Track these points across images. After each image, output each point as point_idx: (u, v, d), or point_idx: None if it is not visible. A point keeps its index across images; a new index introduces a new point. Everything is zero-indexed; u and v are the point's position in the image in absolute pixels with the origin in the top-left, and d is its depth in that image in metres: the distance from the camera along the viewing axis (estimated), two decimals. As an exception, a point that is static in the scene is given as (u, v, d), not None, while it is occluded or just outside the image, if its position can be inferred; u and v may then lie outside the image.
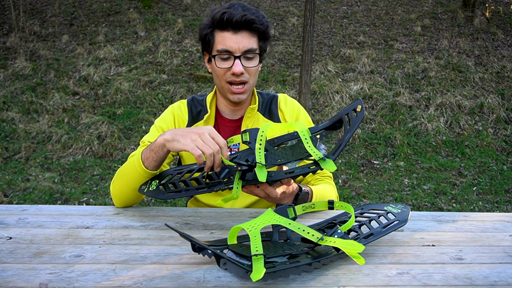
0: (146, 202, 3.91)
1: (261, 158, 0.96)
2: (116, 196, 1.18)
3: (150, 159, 1.08)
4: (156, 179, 1.12)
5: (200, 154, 0.97)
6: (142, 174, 1.10)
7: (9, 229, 0.99)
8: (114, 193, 1.18)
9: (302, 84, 5.47)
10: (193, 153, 0.97)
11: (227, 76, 1.25)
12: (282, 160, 1.01)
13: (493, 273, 0.81)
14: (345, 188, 4.27)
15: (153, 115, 5.55)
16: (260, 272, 0.71)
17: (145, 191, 1.11)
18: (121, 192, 1.16)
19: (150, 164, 1.08)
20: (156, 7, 8.41)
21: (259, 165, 0.94)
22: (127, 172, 1.14)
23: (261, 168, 0.94)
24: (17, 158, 4.78)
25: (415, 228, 1.04)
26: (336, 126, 1.04)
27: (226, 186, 1.01)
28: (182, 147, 0.99)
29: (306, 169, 0.97)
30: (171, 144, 1.02)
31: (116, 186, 1.17)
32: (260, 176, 0.93)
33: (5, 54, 6.95)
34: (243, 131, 1.03)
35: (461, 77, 6.50)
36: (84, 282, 0.74)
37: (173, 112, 1.37)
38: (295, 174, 0.97)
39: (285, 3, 8.71)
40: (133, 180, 1.12)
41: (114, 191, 1.18)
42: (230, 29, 1.22)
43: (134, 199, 1.17)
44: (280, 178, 0.99)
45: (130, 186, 1.13)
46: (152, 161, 1.08)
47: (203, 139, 0.98)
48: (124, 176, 1.15)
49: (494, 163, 4.87)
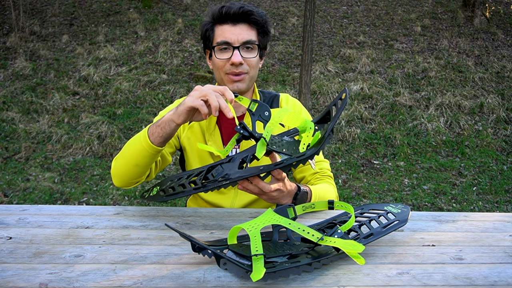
0: (146, 202, 3.91)
1: (267, 135, 0.94)
2: (116, 173, 1.18)
3: (156, 134, 1.08)
4: (158, 185, 1.13)
5: (203, 103, 0.97)
6: (147, 149, 1.10)
7: (9, 229, 0.99)
8: (114, 169, 1.18)
9: (302, 84, 5.47)
10: (195, 104, 0.97)
11: (227, 67, 1.26)
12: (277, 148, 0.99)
13: (493, 273, 0.81)
14: (345, 188, 4.27)
15: (153, 115, 5.55)
16: (260, 272, 0.71)
17: (146, 197, 1.13)
18: (122, 167, 1.16)
19: (155, 139, 1.08)
20: (156, 7, 8.41)
21: (262, 140, 0.93)
22: (131, 147, 1.14)
23: (262, 144, 0.93)
24: (17, 158, 4.78)
25: (415, 228, 1.04)
26: (326, 118, 1.03)
27: (220, 184, 1.00)
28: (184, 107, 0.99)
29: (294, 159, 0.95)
30: (176, 115, 1.02)
31: (118, 162, 1.18)
32: (259, 150, 0.92)
33: (5, 54, 6.95)
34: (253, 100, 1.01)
35: (461, 77, 6.50)
36: (84, 282, 0.74)
37: None
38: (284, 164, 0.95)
39: (285, 3, 8.71)
40: (136, 154, 1.12)
41: (115, 167, 1.18)
42: (229, 21, 1.25)
43: (134, 177, 1.17)
44: (270, 169, 0.97)
45: (132, 161, 1.13)
46: (158, 136, 1.08)
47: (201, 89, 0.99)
48: (128, 151, 1.15)
49: (494, 163, 4.87)
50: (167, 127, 1.05)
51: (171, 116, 1.03)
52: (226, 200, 1.34)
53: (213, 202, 1.35)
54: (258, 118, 0.99)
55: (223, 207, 1.30)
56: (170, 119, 1.04)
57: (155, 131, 1.08)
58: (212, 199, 1.35)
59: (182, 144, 1.36)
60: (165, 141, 1.10)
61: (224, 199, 1.34)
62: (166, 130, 1.06)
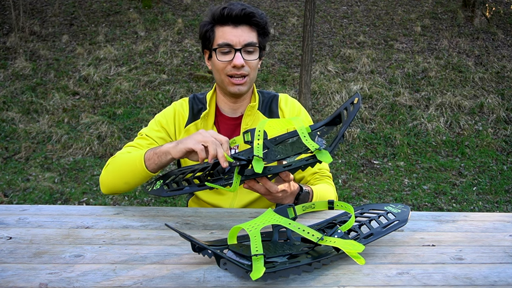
0: (146, 202, 3.91)
1: (259, 152, 0.97)
2: (105, 182, 1.23)
3: (151, 161, 1.11)
4: (161, 179, 1.15)
5: (202, 148, 1.00)
6: (141, 172, 1.13)
7: (9, 229, 0.99)
8: (104, 179, 1.23)
9: (302, 84, 5.47)
10: (196, 147, 1.00)
11: (228, 69, 1.26)
12: (282, 155, 1.02)
13: (493, 273, 0.81)
14: (345, 188, 4.27)
15: (153, 115, 5.53)
16: (260, 272, 0.71)
17: (149, 191, 1.14)
18: (113, 181, 1.20)
19: (150, 165, 1.12)
20: (156, 7, 8.41)
21: (256, 158, 0.96)
22: (125, 165, 1.17)
23: (258, 161, 0.96)
24: (17, 158, 4.78)
25: (415, 228, 1.04)
26: (336, 121, 1.04)
27: (226, 182, 1.02)
28: (184, 146, 1.03)
29: (304, 161, 0.97)
30: (175, 150, 1.06)
31: (109, 175, 1.21)
32: (257, 167, 0.94)
33: (5, 54, 6.95)
34: (245, 131, 1.05)
35: (461, 77, 6.50)
36: (84, 282, 0.74)
37: (174, 108, 1.38)
38: (293, 167, 0.97)
39: (285, 3, 8.71)
40: (129, 173, 1.16)
41: (106, 178, 1.22)
42: (230, 23, 1.25)
43: (122, 190, 1.22)
44: (278, 171, 0.99)
45: (123, 179, 1.17)
46: (153, 163, 1.11)
47: (204, 135, 1.02)
48: (121, 168, 1.18)
49: (494, 163, 4.87)
50: (163, 158, 1.09)
51: (170, 150, 1.07)
52: (225, 201, 1.34)
53: (212, 202, 1.35)
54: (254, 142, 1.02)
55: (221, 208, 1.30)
56: (167, 151, 1.08)
57: (152, 158, 1.11)
58: (211, 199, 1.35)
59: None
60: (159, 169, 1.13)
61: (223, 199, 1.34)
62: (161, 160, 1.10)
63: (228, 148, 1.02)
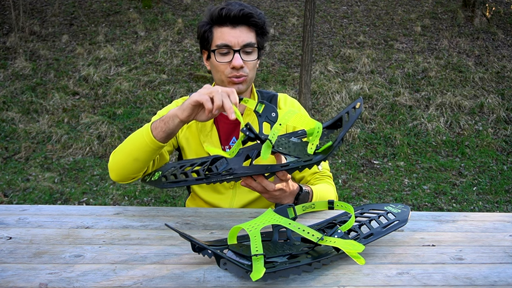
0: (146, 202, 3.91)
1: (273, 137, 0.94)
2: (114, 166, 1.17)
3: (159, 129, 1.08)
4: (160, 170, 1.14)
5: (208, 99, 0.98)
6: (149, 144, 1.09)
7: (9, 229, 0.99)
8: (112, 162, 1.18)
9: (302, 84, 5.47)
10: (201, 98, 0.98)
11: (227, 71, 1.25)
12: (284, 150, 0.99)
13: (493, 273, 0.81)
14: (345, 188, 4.27)
15: (153, 115, 5.53)
16: (260, 272, 0.71)
17: (147, 181, 1.13)
18: (121, 161, 1.15)
19: (158, 134, 1.08)
20: (156, 7, 8.41)
21: (268, 143, 0.93)
22: (133, 141, 1.13)
23: (268, 147, 0.93)
24: (17, 158, 4.78)
25: (415, 228, 1.04)
26: (337, 125, 1.03)
27: (223, 177, 0.99)
28: (189, 101, 1.00)
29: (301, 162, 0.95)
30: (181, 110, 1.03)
31: (118, 155, 1.17)
32: (264, 153, 0.91)
33: (5, 54, 6.95)
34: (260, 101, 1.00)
35: (461, 77, 6.50)
36: (84, 282, 0.74)
37: (177, 105, 1.37)
38: (290, 167, 0.95)
39: (285, 3, 8.71)
40: (138, 148, 1.11)
41: (114, 161, 1.17)
42: (229, 24, 1.24)
43: (132, 172, 1.16)
44: (276, 170, 0.97)
45: (132, 155, 1.13)
46: (161, 131, 1.08)
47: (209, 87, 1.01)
48: (129, 144, 1.14)
49: (494, 163, 4.87)
50: (171, 123, 1.05)
51: (176, 111, 1.04)
52: (224, 200, 1.34)
53: (211, 202, 1.35)
54: (265, 119, 0.99)
55: (221, 208, 1.30)
56: (174, 114, 1.04)
57: (159, 125, 1.08)
58: (210, 199, 1.35)
59: (180, 143, 1.36)
60: (168, 137, 1.09)
61: (222, 199, 1.34)
62: (169, 126, 1.06)
63: (237, 98, 0.99)
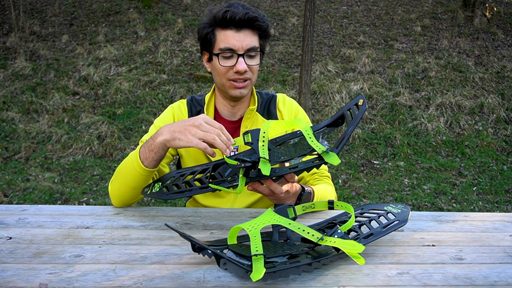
0: (146, 202, 3.91)
1: (265, 154, 0.95)
2: (115, 196, 1.17)
3: (150, 158, 1.09)
4: (159, 181, 1.12)
5: (206, 146, 0.99)
6: (142, 173, 1.10)
7: (9, 229, 0.99)
8: (113, 192, 1.18)
9: (302, 84, 5.47)
10: (199, 147, 0.99)
11: (230, 74, 1.24)
12: (285, 157, 1.00)
13: (493, 273, 0.81)
14: (345, 188, 4.27)
15: (153, 115, 5.55)
16: (260, 272, 0.71)
17: (148, 193, 1.11)
18: (120, 191, 1.16)
19: (150, 164, 1.09)
20: (156, 7, 8.41)
21: (262, 160, 0.94)
22: (126, 172, 1.14)
23: (264, 163, 0.94)
24: (17, 158, 4.78)
25: (415, 228, 1.04)
26: (338, 122, 1.03)
27: (230, 184, 1.00)
28: (186, 144, 1.01)
29: (310, 163, 0.96)
30: (173, 143, 1.03)
31: (115, 186, 1.17)
32: (264, 170, 0.92)
33: (5, 54, 6.95)
34: (245, 133, 1.03)
35: (461, 77, 6.50)
36: (84, 282, 0.74)
37: (173, 112, 1.36)
38: (299, 169, 0.96)
39: (285, 3, 8.71)
40: (132, 179, 1.12)
41: (113, 191, 1.18)
42: (233, 27, 1.22)
43: (133, 198, 1.17)
44: (284, 173, 0.98)
45: (129, 185, 1.13)
46: (152, 161, 1.09)
47: (202, 130, 1.00)
48: (123, 176, 1.15)
49: (494, 163, 4.87)
50: (161, 151, 1.07)
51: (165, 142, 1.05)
52: (225, 204, 1.33)
53: (212, 206, 1.34)
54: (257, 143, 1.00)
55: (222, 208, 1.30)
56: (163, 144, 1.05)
57: (149, 155, 1.08)
58: (210, 203, 1.34)
59: (179, 151, 1.35)
60: (159, 162, 1.11)
61: (223, 202, 1.33)
62: (160, 154, 1.08)
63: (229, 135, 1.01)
